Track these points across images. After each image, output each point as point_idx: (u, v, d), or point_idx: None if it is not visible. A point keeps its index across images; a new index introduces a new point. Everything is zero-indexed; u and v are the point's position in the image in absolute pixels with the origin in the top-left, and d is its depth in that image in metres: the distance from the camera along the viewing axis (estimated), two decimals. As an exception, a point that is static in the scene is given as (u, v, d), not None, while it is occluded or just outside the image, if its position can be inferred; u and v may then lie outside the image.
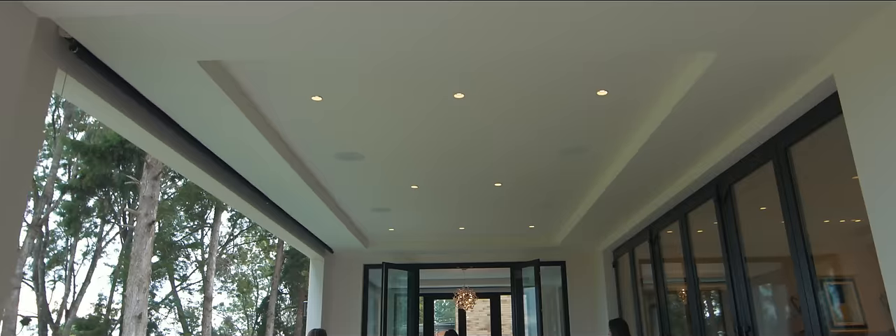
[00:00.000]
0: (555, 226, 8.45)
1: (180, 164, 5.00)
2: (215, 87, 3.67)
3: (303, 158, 5.48)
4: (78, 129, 25.70)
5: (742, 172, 4.92)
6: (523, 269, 9.69)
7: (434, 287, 13.57)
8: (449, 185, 6.36)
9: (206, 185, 5.79)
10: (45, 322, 24.49)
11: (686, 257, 6.22)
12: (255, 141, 4.62)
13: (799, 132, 4.04)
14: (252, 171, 5.60)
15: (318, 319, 9.18)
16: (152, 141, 4.41)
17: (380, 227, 8.43)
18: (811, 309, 3.92)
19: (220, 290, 32.44)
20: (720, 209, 5.32)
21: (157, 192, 19.95)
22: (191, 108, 4.08)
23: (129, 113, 3.96)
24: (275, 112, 4.41)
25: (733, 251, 5.10)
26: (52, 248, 26.61)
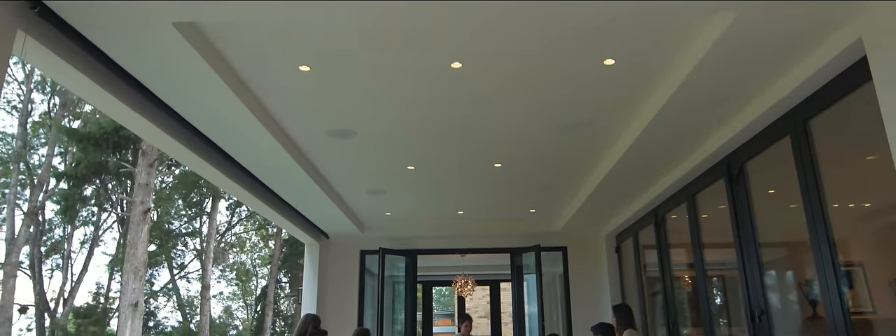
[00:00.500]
0: (556, 210, 8.20)
1: (161, 139, 4.72)
2: (192, 52, 3.40)
3: (292, 136, 5.22)
4: (74, 118, 25.47)
5: (756, 149, 4.65)
6: (523, 255, 9.45)
7: (433, 274, 13.34)
8: (447, 166, 6.10)
9: (191, 162, 5.53)
10: (42, 310, 24.37)
11: (694, 241, 5.97)
12: (238, 112, 4.33)
13: (821, 103, 3.77)
14: (238, 148, 5.34)
15: (313, 306, 8.95)
16: (129, 114, 4.13)
17: (376, 211, 8.17)
18: (832, 297, 3.66)
19: (219, 279, 32.34)
20: (731, 189, 5.06)
21: (153, 180, 19.76)
22: (167, 76, 3.81)
23: (101, 81, 3.67)
24: (260, 82, 4.14)
25: (745, 233, 4.84)
26: (49, 236, 26.47)
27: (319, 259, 9.19)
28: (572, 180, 6.69)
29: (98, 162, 21.93)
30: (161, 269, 29.50)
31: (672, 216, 6.82)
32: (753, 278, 4.68)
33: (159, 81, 3.89)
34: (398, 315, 9.95)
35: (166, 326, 29.93)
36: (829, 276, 3.70)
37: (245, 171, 5.97)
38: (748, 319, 4.70)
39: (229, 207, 29.82)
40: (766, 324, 4.48)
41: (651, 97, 4.37)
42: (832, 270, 3.67)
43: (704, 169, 5.49)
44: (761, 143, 4.56)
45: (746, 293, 4.77)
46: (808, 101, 3.88)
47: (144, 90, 3.95)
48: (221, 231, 30.64)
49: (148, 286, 28.94)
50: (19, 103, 25.16)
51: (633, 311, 6.34)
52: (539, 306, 8.87)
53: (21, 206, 23.46)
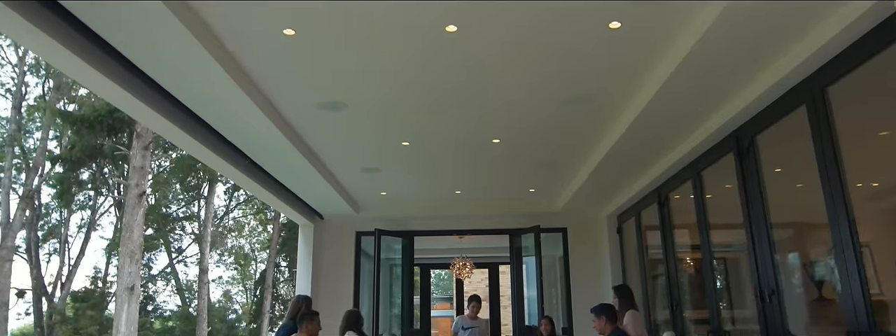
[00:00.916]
0: (556, 189, 7.98)
1: (152, 118, 4.55)
2: (172, 18, 3.15)
3: (281, 109, 4.97)
4: (69, 101, 25.20)
5: (768, 121, 4.41)
6: (523, 237, 9.24)
7: (430, 257, 13.15)
8: (443, 142, 5.86)
9: (182, 141, 5.35)
10: (39, 295, 24.29)
11: (699, 220, 5.74)
12: (223, 83, 4.08)
13: (841, 67, 3.52)
14: (228, 125, 5.10)
15: (307, 288, 8.76)
16: (116, 90, 3.91)
17: (371, 190, 7.95)
18: (852, 278, 3.43)
19: (217, 263, 32.26)
20: (741, 164, 4.82)
21: (148, 163, 19.56)
22: (151, 49, 3.61)
23: (74, 47, 3.42)
24: (244, 48, 3.88)
25: (755, 209, 4.61)
26: (46, 221, 26.33)
27: (314, 240, 8.99)
28: (574, 157, 6.46)
29: (93, 145, 21.73)
30: (159, 253, 29.42)
31: (675, 196, 6.61)
32: (763, 257, 4.46)
33: (144, 55, 3.70)
34: (395, 298, 9.78)
35: (165, 310, 29.91)
36: (848, 256, 3.47)
37: (237, 151, 5.75)
38: (758, 300, 4.49)
39: (227, 191, 29.65)
40: (777, 304, 4.27)
41: (657, 66, 4.12)
42: (852, 251, 3.44)
43: (712, 143, 5.25)
44: (774, 114, 4.31)
45: (756, 273, 4.56)
46: (827, 66, 3.63)
47: (132, 67, 3.76)
48: (220, 215, 30.52)
49: (146, 270, 28.89)
50: (13, 86, 24.86)
51: (635, 293, 6.15)
52: (538, 289, 8.68)
53: (16, 190, 23.29)
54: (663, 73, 4.07)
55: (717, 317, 5.37)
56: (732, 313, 5.74)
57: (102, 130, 20.51)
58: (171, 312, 29.85)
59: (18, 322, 27.05)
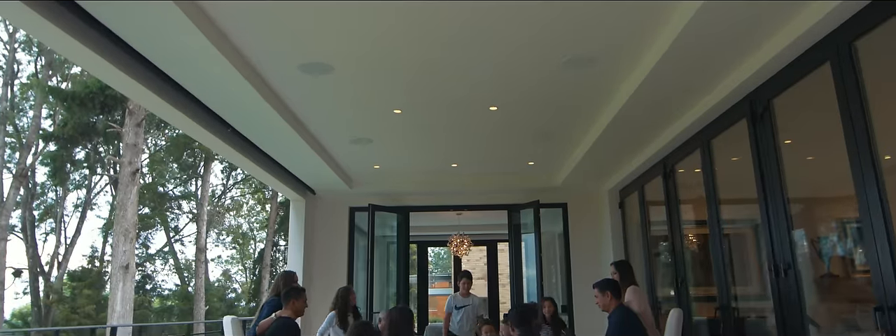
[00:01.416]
0: (556, 162, 7.66)
1: (137, 90, 4.28)
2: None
3: (261, 72, 4.62)
4: (62, 79, 24.84)
5: (786, 82, 4.07)
6: (522, 212, 8.95)
7: (427, 234, 12.91)
8: (437, 109, 5.52)
9: (166, 113, 5.11)
10: (35, 274, 24.18)
11: (708, 192, 5.43)
12: (200, 44, 3.74)
13: (870, 19, 3.18)
14: (204, 89, 4.75)
15: (299, 266, 8.49)
16: (79, 48, 3.58)
17: (364, 164, 7.63)
18: (882, 254, 3.12)
19: (216, 242, 32.17)
20: (754, 130, 4.50)
21: (141, 140, 19.29)
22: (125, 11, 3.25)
23: (47, 15, 3.12)
24: (222, 10, 3.53)
25: (770, 179, 4.30)
26: (43, 200, 26.15)
27: (306, 216, 8.70)
28: (575, 127, 6.13)
29: (85, 122, 21.48)
30: (157, 232, 29.29)
31: (680, 170, 6.30)
32: (779, 228, 4.16)
33: (120, 21, 3.41)
34: (392, 276, 9.52)
35: (164, 290, 29.86)
36: (877, 227, 3.16)
37: (218, 119, 5.42)
38: (772, 274, 4.20)
39: (224, 170, 29.42)
40: (794, 278, 3.98)
41: (668, 22, 3.77)
42: (882, 221, 3.13)
43: (723, 109, 4.91)
44: (793, 74, 3.98)
45: (770, 247, 4.26)
46: (855, 19, 3.28)
47: (110, 34, 3.45)
48: (217, 194, 30.32)
49: (143, 249, 28.79)
50: (4, 64, 24.45)
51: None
52: (538, 266, 8.41)
53: (10, 168, 23.04)
54: (673, 30, 3.73)
55: (726, 293, 5.09)
56: (735, 290, 5.50)
57: (94, 108, 20.27)
58: (169, 291, 29.82)
59: (17, 301, 27.03)
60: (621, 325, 4.27)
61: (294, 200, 8.81)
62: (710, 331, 5.73)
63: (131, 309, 17.44)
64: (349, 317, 5.82)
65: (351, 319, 5.83)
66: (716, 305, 5.25)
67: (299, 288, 4.95)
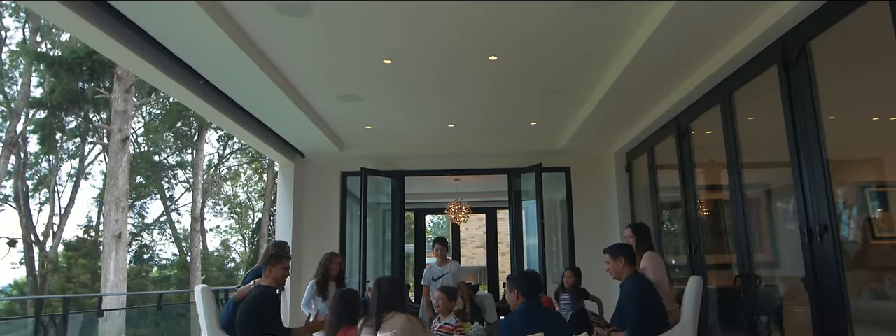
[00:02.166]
0: (560, 122, 7.15)
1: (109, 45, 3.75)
2: None
3: (235, 14, 4.10)
4: (52, 46, 24.21)
5: (828, 20, 3.56)
6: (523, 177, 8.49)
7: (425, 201, 12.49)
8: (431, 59, 4.99)
9: (146, 73, 4.75)
10: (30, 244, 23.95)
11: (728, 150, 4.94)
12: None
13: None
14: (166, 31, 4.23)
15: (288, 234, 8.06)
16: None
17: (354, 124, 7.13)
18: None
19: (214, 212, 31.93)
20: (787, 77, 3.99)
21: (130, 107, 18.80)
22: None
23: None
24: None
25: (805, 132, 3.81)
26: (37, 170, 25.80)
27: (295, 181, 8.24)
28: (582, 80, 5.60)
29: (74, 89, 21.02)
30: (153, 201, 28.98)
31: (693, 132, 5.81)
32: (815, 187, 3.69)
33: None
34: (387, 245, 9.09)
35: (163, 259, 29.70)
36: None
37: (194, 73, 4.92)
38: (805, 238, 3.75)
39: (220, 139, 28.96)
40: (832, 242, 3.53)
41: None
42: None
43: (750, 56, 4.39)
44: (836, 11, 3.46)
45: (803, 209, 3.79)
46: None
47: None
48: (214, 163, 29.93)
49: (139, 219, 28.53)
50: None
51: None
52: (539, 233, 7.98)
53: (0, 137, 22.59)
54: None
55: (747, 261, 4.64)
56: (757, 257, 5.11)
57: (82, 74, 19.81)
58: (168, 261, 29.66)
59: (14, 272, 26.83)
60: (635, 295, 3.84)
61: (282, 165, 8.34)
62: (729, 300, 5.31)
63: (125, 278, 17.19)
64: (330, 285, 5.41)
65: (334, 289, 5.42)
66: (735, 274, 4.81)
67: (279, 255, 4.54)
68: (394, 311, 3.59)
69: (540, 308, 3.56)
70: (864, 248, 3.92)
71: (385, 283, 3.83)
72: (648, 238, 4.53)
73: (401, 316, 3.59)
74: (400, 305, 3.71)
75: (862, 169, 4.20)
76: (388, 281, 3.87)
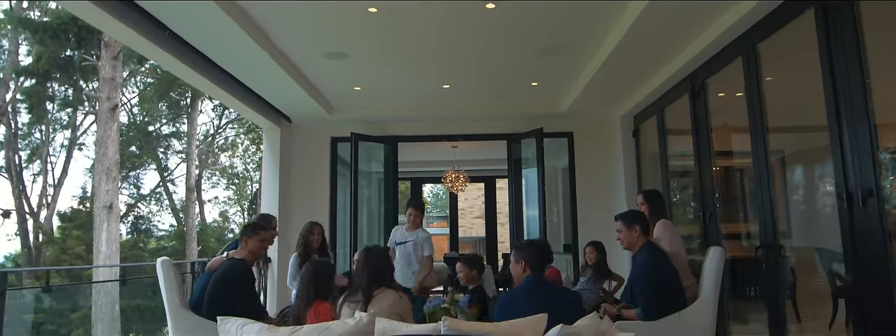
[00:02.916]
0: (563, 83, 6.64)
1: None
2: None
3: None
4: (43, 15, 23.52)
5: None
6: (523, 143, 8.02)
7: (421, 170, 12.04)
8: (422, 7, 4.48)
9: (121, 34, 4.35)
10: (23, 215, 23.66)
11: (751, 111, 4.45)
12: None
13: None
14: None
15: (273, 204, 7.62)
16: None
17: (343, 85, 6.63)
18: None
19: (213, 183, 31.57)
20: (825, 22, 3.49)
21: (119, 74, 18.28)
22: None
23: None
24: None
25: (847, 85, 3.34)
26: (30, 141, 25.37)
27: (281, 147, 7.76)
28: (588, 34, 5.08)
29: (61, 57, 20.52)
30: (149, 172, 28.58)
31: (717, 79, 5.31)
32: (859, 149, 3.22)
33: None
34: (381, 216, 8.62)
35: (161, 231, 29.41)
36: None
37: (158, 24, 4.43)
38: (843, 204, 3.31)
39: (215, 109, 28.40)
40: (876, 208, 3.08)
41: None
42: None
43: (776, 4, 3.89)
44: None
45: (842, 173, 3.34)
46: None
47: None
48: (210, 134, 29.44)
49: (134, 190, 28.18)
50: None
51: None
52: (540, 202, 7.55)
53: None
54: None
55: (772, 230, 4.20)
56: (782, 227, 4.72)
57: (68, 40, 19.27)
58: (165, 232, 29.38)
59: (11, 244, 26.59)
60: (649, 267, 3.40)
61: (267, 130, 7.85)
62: (745, 271, 4.89)
63: (117, 249, 16.93)
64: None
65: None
66: (756, 244, 4.37)
67: (258, 225, 4.08)
68: (383, 287, 3.18)
69: (545, 283, 3.12)
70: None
71: (375, 253, 3.40)
72: (662, 206, 4.09)
73: (391, 292, 3.19)
74: (389, 279, 3.32)
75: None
76: (378, 252, 3.45)
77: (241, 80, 6.08)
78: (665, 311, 3.41)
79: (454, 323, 2.41)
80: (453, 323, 2.40)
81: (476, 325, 2.47)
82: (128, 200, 27.65)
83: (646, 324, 3.39)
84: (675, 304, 3.46)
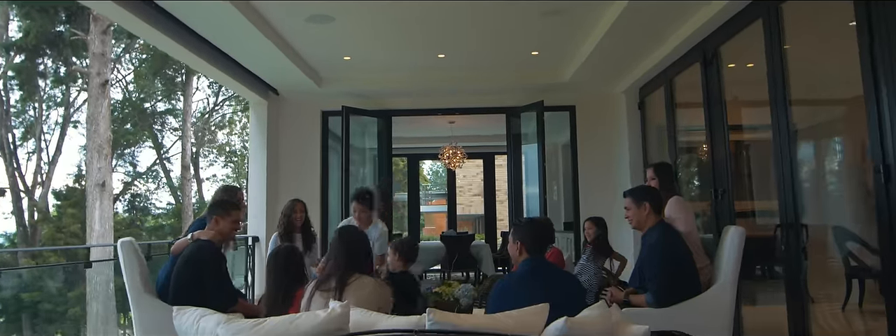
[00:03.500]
0: (566, 51, 6.24)
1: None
2: None
3: None
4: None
5: None
6: (523, 117, 7.64)
7: (419, 146, 11.68)
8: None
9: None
10: (17, 193, 23.41)
11: (772, 79, 4.07)
12: None
13: None
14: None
15: (261, 181, 7.27)
16: None
17: (330, 54, 6.23)
18: None
19: (210, 161, 31.26)
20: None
21: (108, 49, 17.86)
22: None
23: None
24: None
25: (886, 46, 2.96)
26: (24, 119, 25.01)
27: (268, 122, 7.38)
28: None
29: (50, 31, 20.11)
30: (144, 150, 28.24)
31: (731, 48, 4.93)
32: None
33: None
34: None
35: (158, 209, 29.18)
36: None
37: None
38: (881, 179, 2.95)
39: (211, 86, 27.96)
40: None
41: None
42: None
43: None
44: None
45: (880, 144, 2.98)
46: None
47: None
48: (207, 111, 29.04)
49: (131, 168, 27.90)
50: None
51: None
52: (540, 179, 7.20)
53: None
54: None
55: (793, 208, 3.84)
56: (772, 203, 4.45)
57: (56, 14, 18.87)
58: (163, 210, 29.14)
59: (6, 223, 26.40)
60: (661, 248, 3.06)
61: (254, 103, 7.46)
62: (760, 252, 4.55)
63: (111, 228, 16.70)
64: (296, 238, 4.67)
65: (300, 241, 4.68)
66: (777, 223, 4.01)
67: (228, 203, 3.72)
68: (359, 273, 2.83)
69: (546, 267, 2.75)
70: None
71: (351, 234, 3.03)
72: (673, 181, 3.72)
73: (369, 280, 2.82)
74: (367, 265, 2.97)
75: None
76: (355, 232, 3.09)
77: (221, 47, 5.68)
78: (678, 297, 3.07)
79: (441, 316, 2.07)
80: (441, 316, 2.07)
81: (468, 318, 2.13)
82: (124, 178, 27.42)
83: (657, 311, 3.07)
84: (690, 290, 3.13)
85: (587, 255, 4.90)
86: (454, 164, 10.10)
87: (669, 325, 3.00)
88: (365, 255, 2.98)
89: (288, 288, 2.90)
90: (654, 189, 3.44)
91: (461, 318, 2.11)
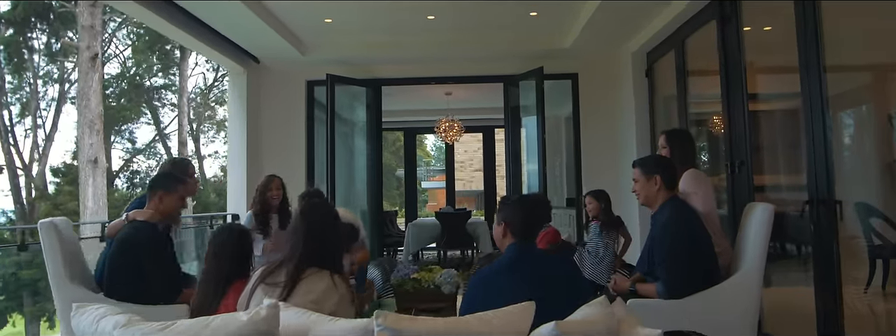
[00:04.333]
0: (567, 11, 5.69)
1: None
2: None
3: None
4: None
5: None
6: (521, 87, 7.11)
7: (415, 119, 11.17)
8: None
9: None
10: (14, 170, 23.16)
11: (802, 38, 3.52)
12: None
13: None
14: None
15: (241, 157, 6.78)
16: None
17: (311, 15, 5.71)
18: None
19: (210, 138, 30.85)
20: None
21: (98, 22, 17.31)
22: None
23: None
24: None
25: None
26: (20, 96, 24.63)
27: (248, 92, 6.88)
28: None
29: (38, 4, 19.62)
30: (139, 126, 27.83)
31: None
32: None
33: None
34: (360, 169, 7.73)
35: (158, 186, 28.90)
36: None
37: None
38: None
39: (209, 61, 27.45)
40: None
41: None
42: None
43: None
44: None
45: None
46: None
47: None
48: (206, 87, 28.57)
49: (130, 145, 27.57)
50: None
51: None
52: (540, 153, 6.71)
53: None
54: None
55: (825, 184, 3.32)
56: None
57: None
58: (164, 187, 28.86)
59: (7, 199, 26.19)
60: (674, 229, 2.57)
61: (234, 73, 6.95)
62: (780, 229, 4.06)
63: (105, 204, 16.35)
64: (272, 218, 4.21)
65: (277, 222, 4.23)
66: (805, 200, 3.51)
67: (173, 176, 3.23)
68: (317, 267, 2.21)
69: (535, 255, 2.25)
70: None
71: (321, 213, 2.37)
72: (691, 151, 3.20)
73: (325, 276, 2.19)
74: (329, 257, 2.29)
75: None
76: (322, 206, 2.50)
77: (191, 10, 5.16)
78: (693, 287, 2.60)
79: (393, 320, 1.61)
80: (392, 320, 1.60)
81: (428, 321, 1.66)
82: (123, 155, 27.12)
83: (668, 303, 2.59)
84: (707, 278, 2.65)
85: (596, 232, 4.39)
86: (450, 137, 9.61)
87: (683, 319, 2.54)
88: (334, 246, 2.31)
89: (228, 277, 2.41)
90: (668, 159, 2.93)
91: (419, 323, 1.64)
